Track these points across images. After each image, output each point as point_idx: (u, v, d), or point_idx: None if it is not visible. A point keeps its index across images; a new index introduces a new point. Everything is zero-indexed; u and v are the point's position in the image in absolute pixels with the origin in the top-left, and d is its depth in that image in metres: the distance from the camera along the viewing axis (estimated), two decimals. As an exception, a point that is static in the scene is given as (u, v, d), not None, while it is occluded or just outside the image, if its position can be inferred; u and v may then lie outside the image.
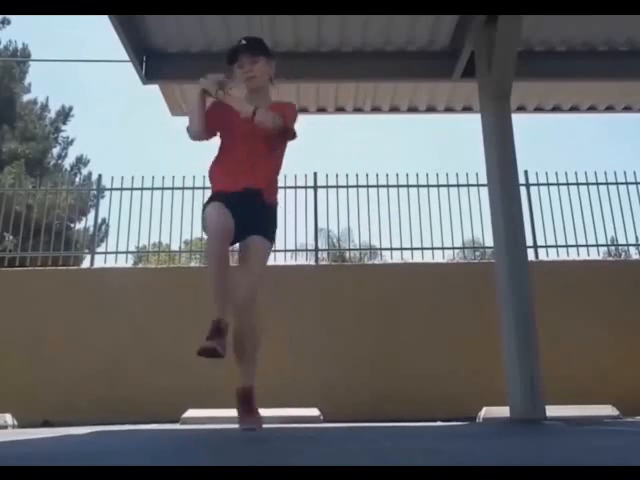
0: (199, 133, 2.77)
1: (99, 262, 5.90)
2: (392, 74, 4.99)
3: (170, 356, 5.08)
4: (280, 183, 6.42)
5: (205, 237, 2.67)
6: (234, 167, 2.71)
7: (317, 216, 5.76)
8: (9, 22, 19.18)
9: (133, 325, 5.20)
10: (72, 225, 9.62)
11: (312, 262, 5.88)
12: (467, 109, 5.68)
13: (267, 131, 2.61)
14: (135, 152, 54.64)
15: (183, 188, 5.84)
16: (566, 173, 5.85)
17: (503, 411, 4.01)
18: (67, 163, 19.03)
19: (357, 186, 5.78)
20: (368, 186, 5.86)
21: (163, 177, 5.87)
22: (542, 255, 5.66)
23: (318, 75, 5.00)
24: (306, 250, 6.48)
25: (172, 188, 5.84)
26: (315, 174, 5.88)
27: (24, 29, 42.36)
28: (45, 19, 46.78)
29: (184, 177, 5.85)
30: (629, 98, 5.69)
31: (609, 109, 5.82)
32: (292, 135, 2.74)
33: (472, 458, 1.42)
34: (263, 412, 2.73)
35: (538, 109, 5.73)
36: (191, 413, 4.56)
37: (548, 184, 5.84)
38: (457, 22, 4.59)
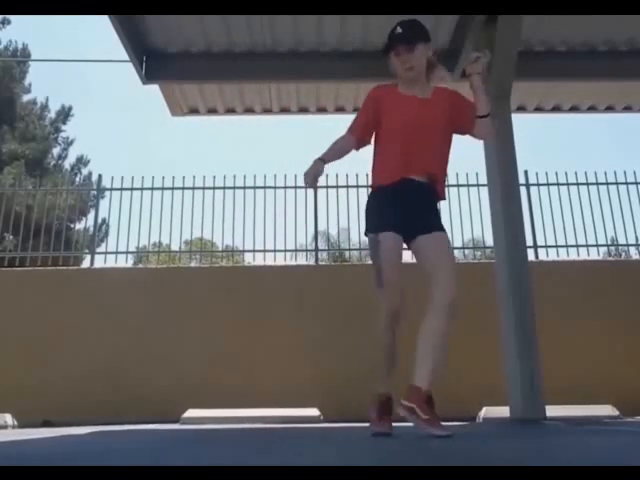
0: None
1: (99, 262, 5.93)
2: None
3: (170, 356, 5.08)
4: (280, 183, 6.32)
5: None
6: None
7: (317, 216, 5.75)
8: (9, 22, 19.19)
9: (133, 325, 5.20)
10: (72, 225, 9.62)
11: (312, 262, 5.88)
12: (467, 109, 5.67)
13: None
14: (135, 152, 54.65)
15: (183, 188, 5.84)
16: (566, 173, 5.86)
17: (503, 411, 4.01)
18: (67, 163, 19.05)
19: (357, 186, 5.77)
20: (368, 186, 5.84)
21: (163, 177, 5.89)
22: (542, 255, 5.66)
23: (318, 75, 4.99)
24: (306, 250, 6.50)
25: (172, 188, 5.84)
26: (315, 174, 5.87)
27: (24, 29, 42.38)
28: (45, 19, 46.80)
29: (184, 177, 5.87)
30: (629, 98, 5.69)
31: (609, 109, 5.82)
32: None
33: (472, 458, 1.42)
34: (263, 412, 2.70)
35: (538, 109, 5.73)
36: (191, 413, 4.56)
37: (548, 184, 5.83)
38: (457, 22, 4.59)
